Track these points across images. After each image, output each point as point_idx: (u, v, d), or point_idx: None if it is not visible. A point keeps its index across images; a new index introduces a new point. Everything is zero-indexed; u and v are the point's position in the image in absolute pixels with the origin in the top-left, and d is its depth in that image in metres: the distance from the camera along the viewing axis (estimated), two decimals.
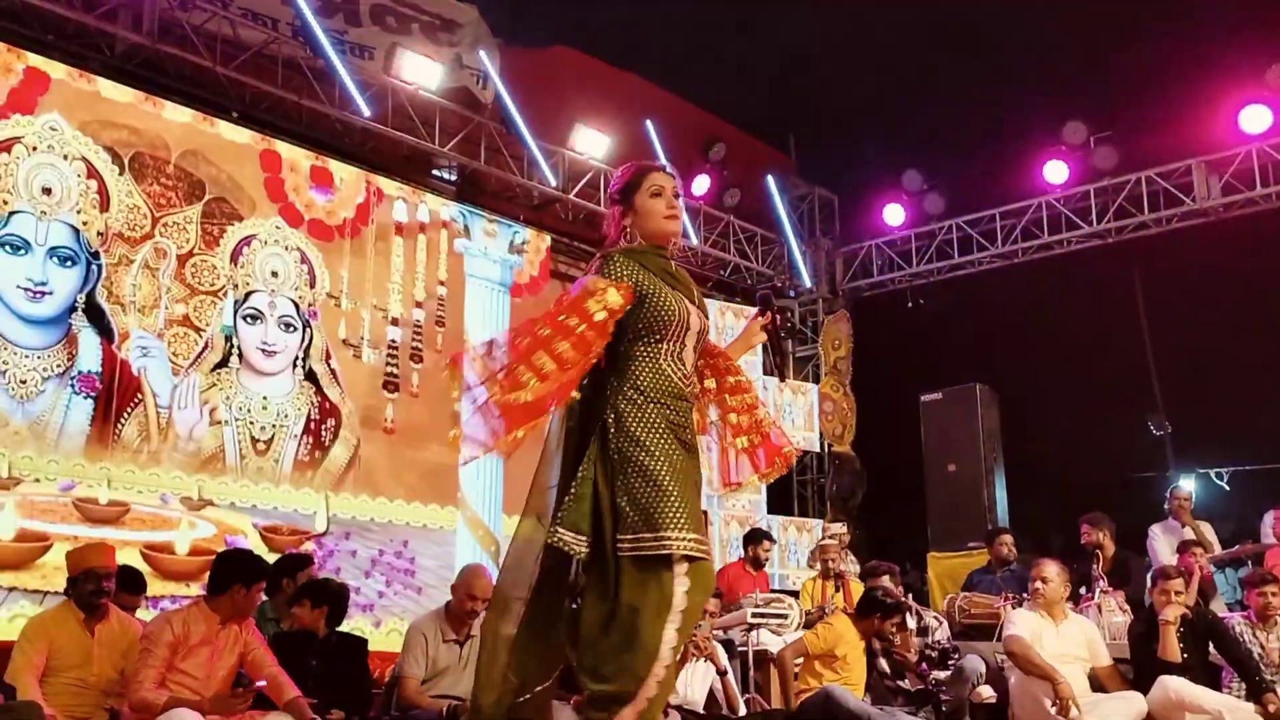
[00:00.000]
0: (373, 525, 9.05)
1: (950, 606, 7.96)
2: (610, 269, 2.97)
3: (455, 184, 10.18)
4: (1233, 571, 8.44)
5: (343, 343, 9.16)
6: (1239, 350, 10.66)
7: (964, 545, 10.47)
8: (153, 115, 8.26)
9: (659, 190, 3.08)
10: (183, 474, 8.07)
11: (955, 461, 11.20)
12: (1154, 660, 6.17)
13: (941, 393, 11.52)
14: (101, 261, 7.89)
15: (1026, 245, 11.81)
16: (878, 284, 13.00)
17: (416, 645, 5.82)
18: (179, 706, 4.74)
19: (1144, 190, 11.09)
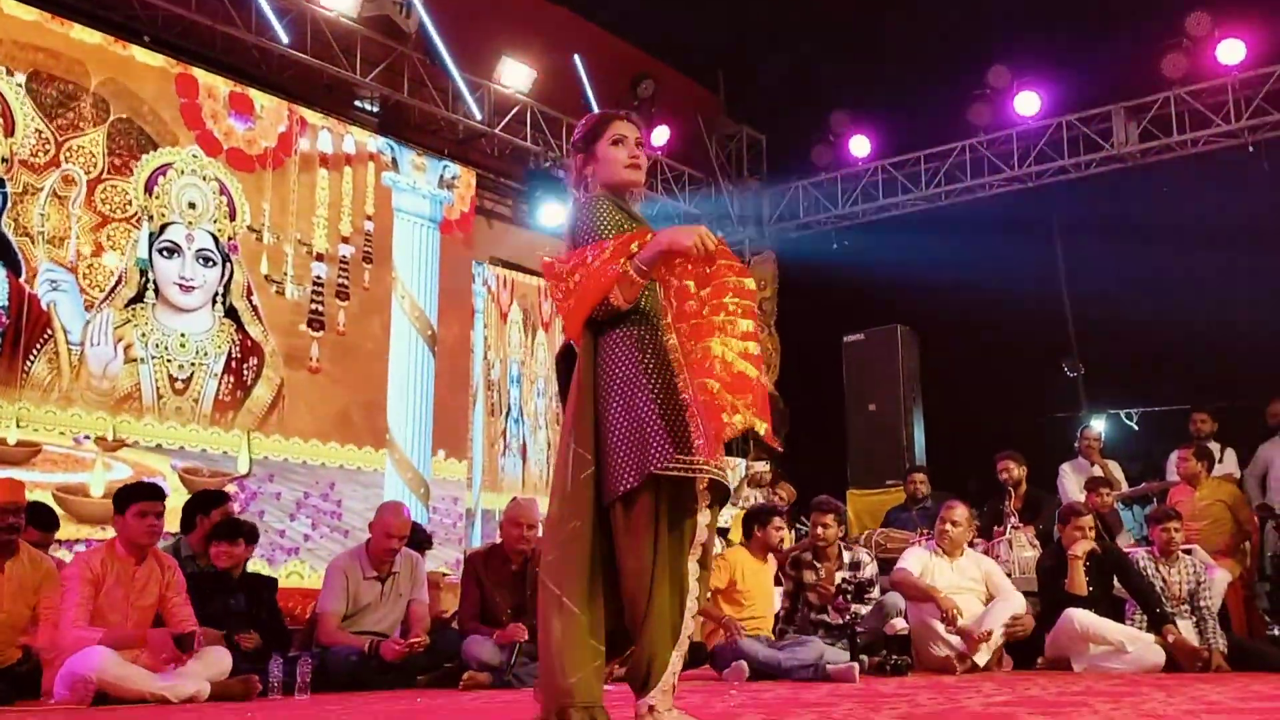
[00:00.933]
0: (298, 467, 8.85)
1: (868, 542, 8.14)
2: (597, 211, 2.95)
3: (377, 116, 9.97)
4: (1139, 508, 8.73)
5: (265, 278, 8.86)
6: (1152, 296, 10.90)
7: (882, 483, 10.68)
8: (60, 35, 7.82)
9: (620, 138, 3.04)
10: (98, 413, 7.76)
11: (875, 401, 11.37)
12: (1061, 593, 6.39)
13: (864, 334, 11.66)
14: (6, 190, 7.46)
15: (950, 188, 11.93)
16: (804, 225, 13.05)
17: (336, 582, 5.82)
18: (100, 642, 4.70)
19: (1064, 135, 11.25)
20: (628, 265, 2.82)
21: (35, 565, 5.29)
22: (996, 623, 6.22)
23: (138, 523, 5.01)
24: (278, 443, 8.75)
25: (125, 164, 8.11)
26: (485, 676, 5.53)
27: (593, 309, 2.86)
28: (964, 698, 4.30)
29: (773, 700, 4.38)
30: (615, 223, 2.94)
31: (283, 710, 4.46)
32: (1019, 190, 11.68)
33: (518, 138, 10.70)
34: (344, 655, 5.54)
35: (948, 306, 11.53)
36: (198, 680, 4.81)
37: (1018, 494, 8.01)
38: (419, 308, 9.95)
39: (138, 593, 5.02)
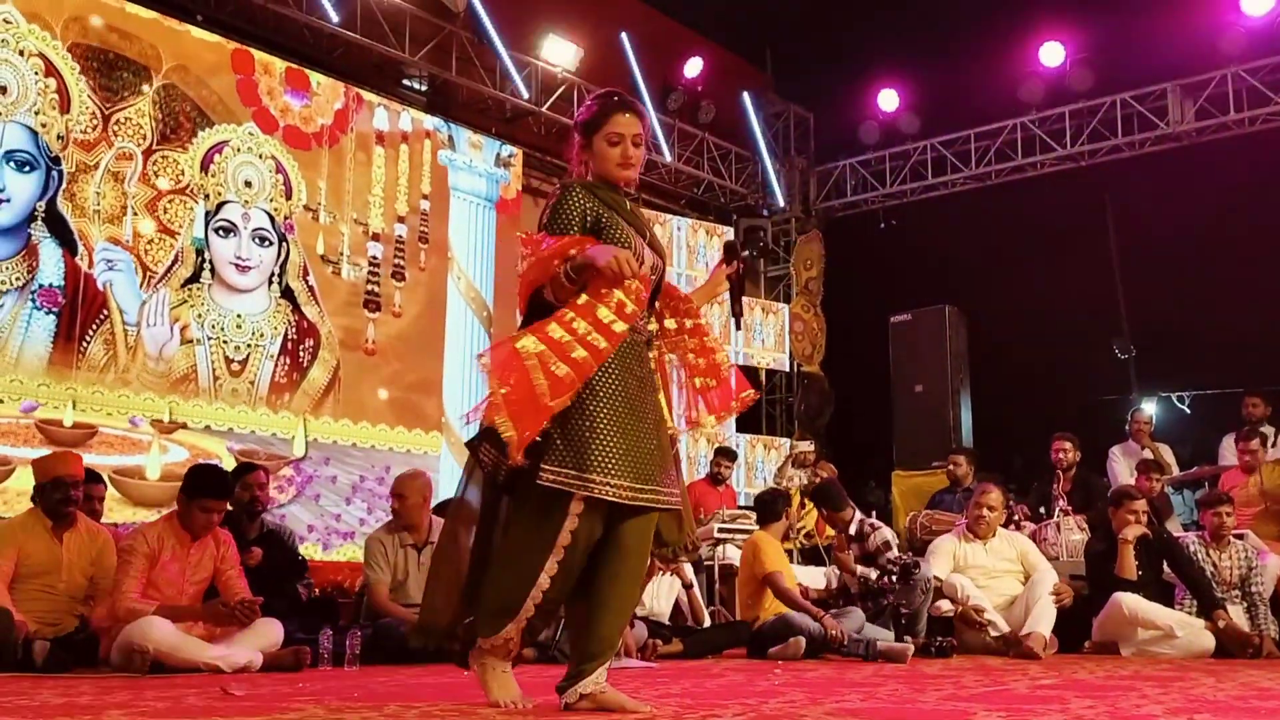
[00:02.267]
0: (353, 450, 8.80)
1: (912, 523, 8.11)
2: (565, 203, 2.98)
3: (425, 94, 10.02)
4: (1190, 493, 8.61)
5: (321, 258, 8.81)
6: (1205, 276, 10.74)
7: (928, 465, 10.60)
8: (115, 9, 7.83)
9: (617, 139, 3.03)
10: (153, 395, 7.75)
11: (922, 382, 11.29)
12: (1111, 577, 6.32)
13: (911, 314, 11.57)
14: (62, 167, 7.45)
15: (1000, 167, 11.79)
16: (851, 204, 12.97)
17: (378, 553, 5.89)
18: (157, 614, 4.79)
19: (1118, 114, 11.08)
20: (560, 268, 2.87)
21: (93, 537, 5.41)
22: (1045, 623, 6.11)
23: (200, 515, 5.08)
24: (333, 425, 8.71)
25: (181, 140, 8.06)
26: (530, 651, 5.57)
27: (528, 297, 2.96)
28: (1010, 680, 4.28)
29: (817, 679, 4.39)
30: (576, 218, 2.96)
31: (333, 681, 4.53)
32: (1071, 169, 11.52)
33: (564, 116, 10.70)
34: (393, 628, 5.61)
35: (997, 287, 11.43)
36: (250, 650, 4.90)
37: (1067, 476, 7.93)
38: (475, 289, 9.92)
39: (193, 568, 5.11)
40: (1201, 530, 6.77)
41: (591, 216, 2.97)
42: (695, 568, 6.94)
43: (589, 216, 2.96)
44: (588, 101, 3.17)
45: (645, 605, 6.17)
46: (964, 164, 11.99)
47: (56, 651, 4.82)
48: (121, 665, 4.70)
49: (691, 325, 3.16)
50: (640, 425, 2.90)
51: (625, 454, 2.85)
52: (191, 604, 5.08)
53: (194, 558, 5.13)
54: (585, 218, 2.96)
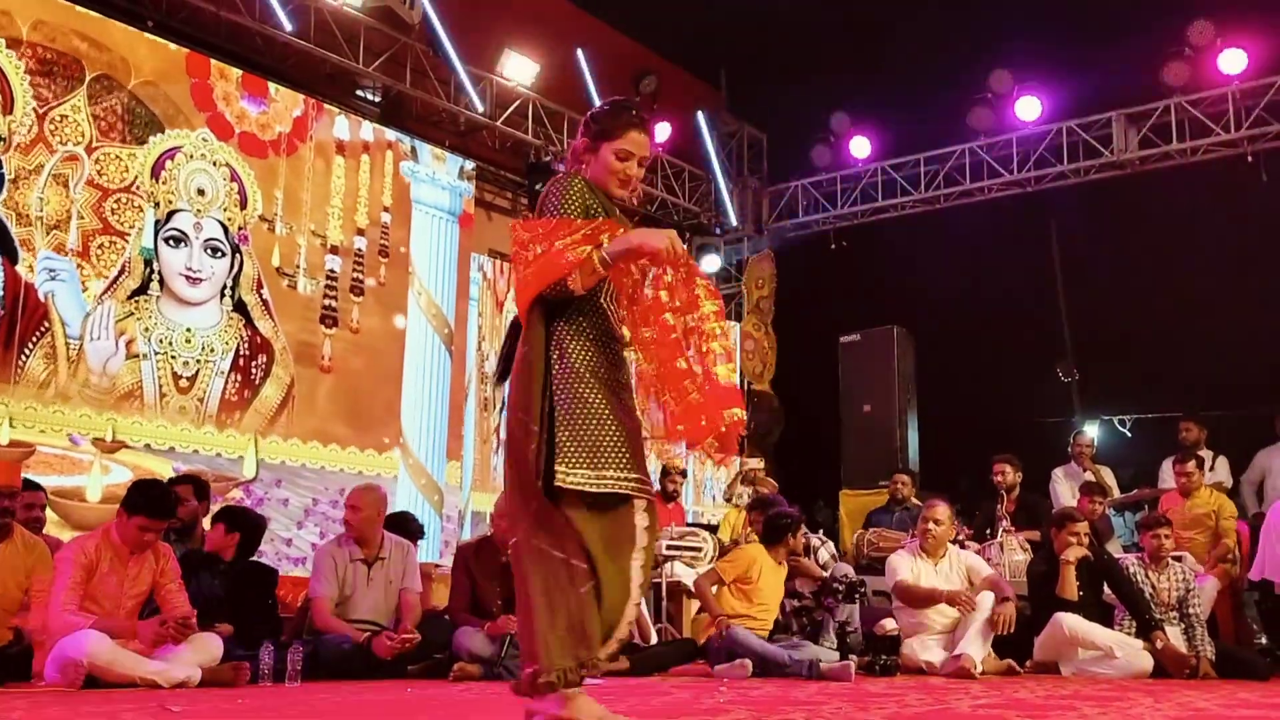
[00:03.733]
0: (306, 471, 8.47)
1: (860, 541, 8.17)
2: (572, 190, 2.93)
3: (379, 106, 9.95)
4: (1130, 515, 8.76)
5: (276, 271, 8.49)
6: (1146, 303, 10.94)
7: (875, 484, 10.68)
8: (64, 9, 7.56)
9: (626, 155, 3.00)
10: (94, 412, 7.38)
11: (870, 402, 11.38)
12: (1052, 598, 6.40)
13: (860, 334, 11.67)
14: (3, 170, 7.10)
15: (948, 191, 11.94)
16: (802, 224, 13.06)
17: (326, 567, 5.81)
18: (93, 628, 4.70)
19: (1064, 141, 11.26)
20: (595, 253, 2.81)
21: (29, 548, 5.30)
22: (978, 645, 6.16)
23: (136, 534, 4.98)
24: (285, 445, 8.35)
25: (123, 136, 7.73)
26: (476, 668, 5.54)
27: (548, 287, 2.83)
28: (952, 699, 4.31)
29: (761, 698, 4.40)
30: (585, 205, 2.93)
31: (273, 698, 4.46)
32: (1018, 194, 11.69)
33: (519, 131, 10.69)
34: (336, 645, 5.54)
35: (944, 309, 11.56)
36: (188, 666, 4.82)
37: (1010, 497, 8.03)
38: (436, 305, 9.65)
39: (131, 580, 5.02)
40: (1141, 552, 6.88)
41: (592, 212, 2.93)
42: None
43: (591, 209, 2.93)
44: (606, 104, 3.12)
45: None
46: (914, 187, 12.13)
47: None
48: (56, 680, 4.61)
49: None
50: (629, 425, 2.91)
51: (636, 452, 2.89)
52: (129, 617, 4.99)
53: (132, 571, 5.04)
54: (588, 208, 2.93)
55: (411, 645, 5.58)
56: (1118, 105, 10.99)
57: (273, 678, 5.03)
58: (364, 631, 5.64)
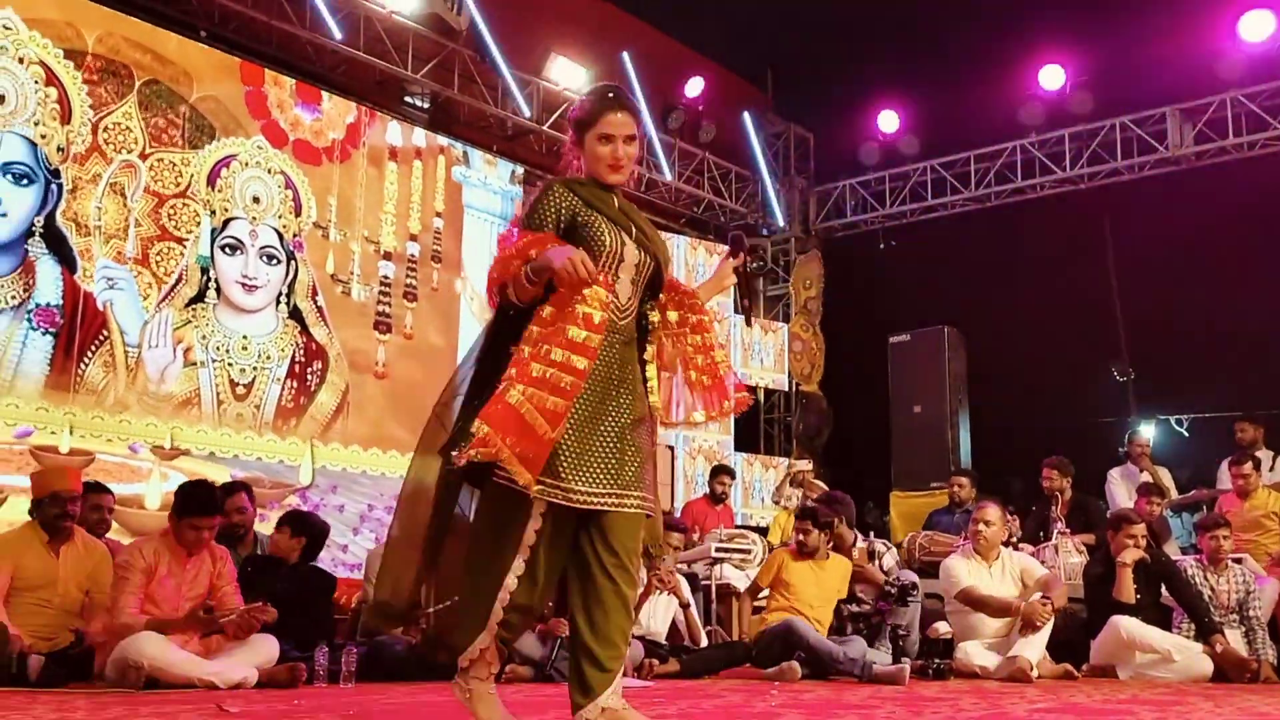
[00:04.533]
0: (361, 477, 8.47)
1: (911, 544, 8.10)
2: (542, 200, 2.98)
3: (427, 111, 10.04)
4: (1188, 516, 8.60)
5: (331, 278, 8.52)
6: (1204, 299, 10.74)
7: (926, 485, 10.61)
8: (120, 19, 7.65)
9: (608, 137, 3.01)
10: (154, 420, 7.42)
11: (921, 403, 11.29)
12: (1109, 601, 6.31)
13: (909, 334, 11.58)
14: (62, 180, 7.19)
15: (999, 189, 11.83)
16: (850, 224, 12.99)
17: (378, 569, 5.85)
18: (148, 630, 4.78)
19: (1118, 137, 11.11)
20: (521, 268, 2.84)
21: (90, 551, 5.40)
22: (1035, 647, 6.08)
23: (189, 533, 5.07)
24: (341, 452, 8.39)
25: (175, 141, 7.76)
26: (526, 670, 5.56)
27: (494, 293, 2.95)
28: (1007, 703, 4.27)
29: (814, 701, 4.38)
30: (551, 216, 2.94)
31: (328, 698, 4.51)
32: (1070, 192, 11.56)
33: (566, 134, 10.71)
34: (390, 646, 5.60)
35: (996, 308, 11.43)
36: (245, 667, 4.89)
37: (1064, 499, 7.93)
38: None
39: (189, 583, 5.09)
40: (1199, 554, 6.77)
41: (568, 214, 2.94)
42: (692, 586, 6.92)
43: (564, 214, 2.94)
44: (582, 97, 3.16)
45: (641, 625, 6.16)
46: (963, 185, 12.02)
47: (51, 666, 4.81)
48: (116, 681, 4.70)
49: (695, 320, 3.09)
50: (597, 428, 2.86)
51: (579, 457, 2.82)
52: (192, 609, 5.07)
53: (190, 573, 5.12)
54: (560, 216, 2.94)
55: None
56: (1172, 100, 10.83)
57: (328, 679, 5.08)
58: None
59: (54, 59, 7.30)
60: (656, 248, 3.07)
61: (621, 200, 3.07)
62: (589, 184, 3.02)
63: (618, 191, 3.07)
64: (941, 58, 11.59)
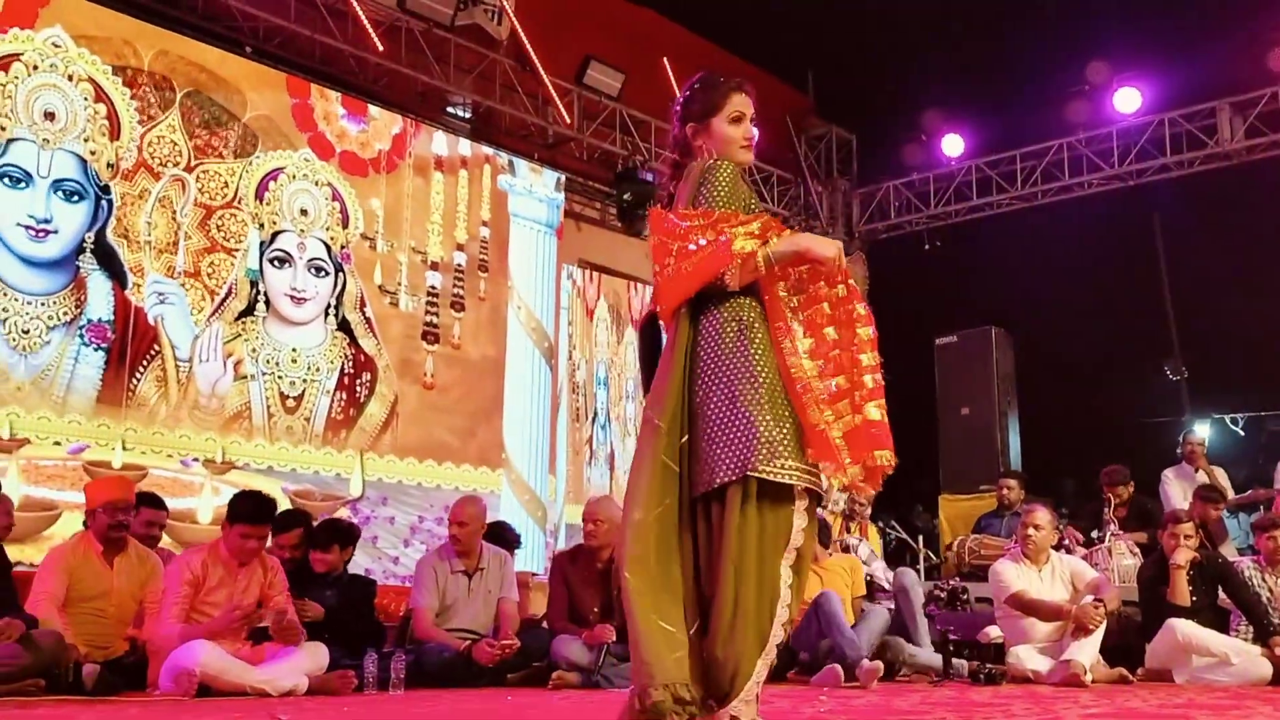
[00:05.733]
0: (411, 489, 8.46)
1: (960, 548, 8.03)
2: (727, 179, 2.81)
3: (469, 121, 10.09)
4: (1245, 516, 8.45)
5: (379, 289, 8.54)
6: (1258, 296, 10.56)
7: (975, 488, 10.49)
8: (165, 36, 7.69)
9: (739, 116, 2.90)
10: (205, 434, 7.43)
11: (969, 405, 11.18)
12: (1163, 603, 6.21)
13: (956, 336, 11.47)
14: (112, 196, 7.24)
15: (1046, 187, 11.69)
16: (894, 225, 12.89)
17: (426, 578, 5.91)
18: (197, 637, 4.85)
19: (1167, 132, 10.95)
20: (760, 251, 2.69)
21: (143, 561, 5.47)
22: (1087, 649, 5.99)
23: (240, 543, 5.13)
24: (391, 463, 8.38)
25: (218, 151, 7.79)
26: (574, 676, 5.56)
27: (708, 282, 2.71)
28: (1060, 708, 4.20)
29: (864, 707, 4.34)
30: (744, 200, 2.81)
31: (378, 706, 4.54)
32: (1119, 189, 11.40)
33: (605, 142, 10.75)
34: (438, 653, 5.63)
35: (1044, 308, 11.31)
36: (296, 674, 4.94)
37: (1119, 501, 7.84)
38: (536, 319, 9.66)
39: (240, 592, 5.14)
40: (1257, 555, 6.64)
41: (748, 201, 2.82)
42: None
43: (746, 200, 2.81)
44: (694, 88, 2.98)
45: None
46: (1010, 184, 11.90)
47: (106, 675, 4.89)
48: (170, 689, 4.75)
49: None
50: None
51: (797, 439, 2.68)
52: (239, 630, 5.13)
53: (241, 583, 5.18)
54: (745, 200, 2.80)
55: (512, 651, 5.64)
56: (1222, 94, 10.64)
57: (377, 686, 5.12)
58: (464, 640, 5.72)
59: (103, 75, 7.36)
60: None
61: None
62: (741, 172, 2.89)
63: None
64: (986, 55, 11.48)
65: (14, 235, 6.84)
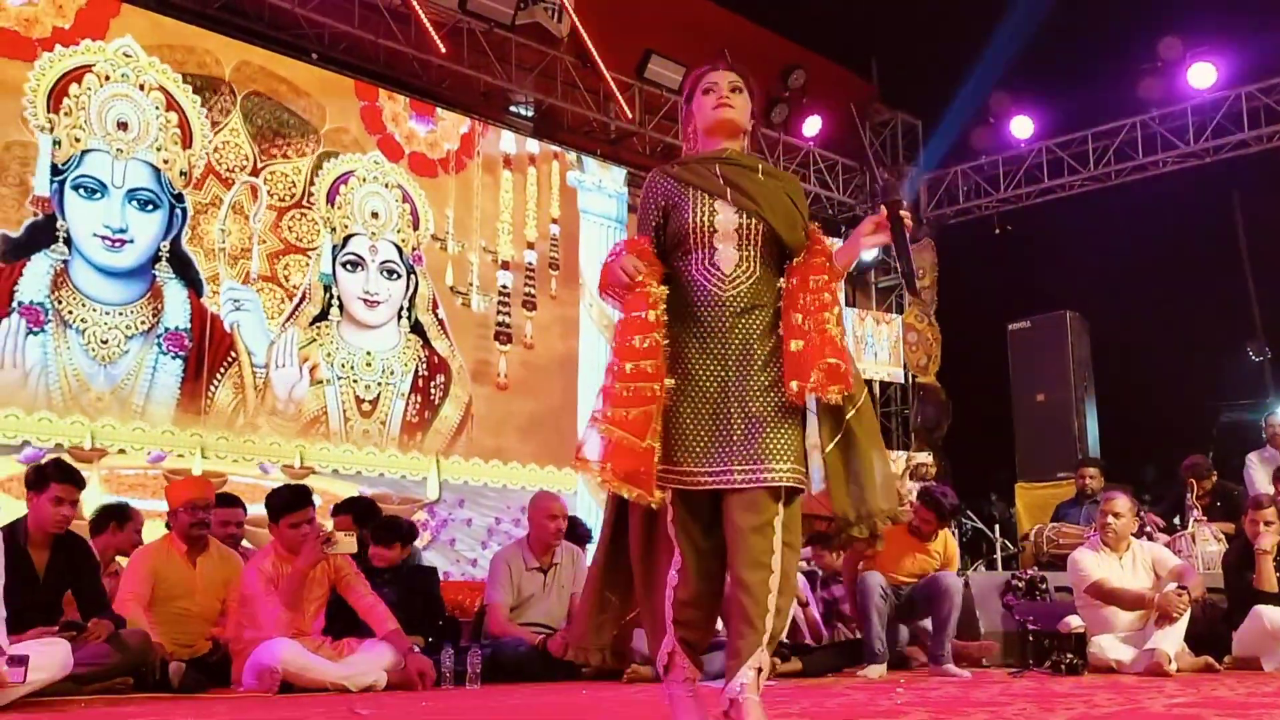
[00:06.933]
0: (487, 490, 8.44)
1: (1038, 536, 7.89)
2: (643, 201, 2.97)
3: (532, 119, 10.14)
4: None
5: (450, 290, 8.52)
6: None
7: (1053, 476, 10.31)
8: (235, 46, 7.80)
9: (711, 86, 3.01)
10: (283, 440, 7.46)
11: (1044, 391, 10.99)
12: (1250, 590, 6.05)
13: (1030, 321, 11.29)
14: (186, 204, 7.31)
15: (1120, 167, 11.45)
16: (963, 210, 12.71)
17: (501, 573, 5.95)
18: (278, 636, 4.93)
19: (1244, 107, 10.65)
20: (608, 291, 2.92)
21: (224, 560, 5.58)
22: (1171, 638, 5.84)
23: (289, 533, 5.19)
24: (466, 465, 8.36)
25: (283, 150, 7.84)
26: (648, 669, 5.56)
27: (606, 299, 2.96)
28: (1144, 698, 4.12)
29: (941, 699, 4.29)
30: (652, 213, 2.91)
31: (455, 700, 4.59)
32: (1195, 166, 11.12)
33: (668, 136, 10.74)
34: (513, 647, 5.67)
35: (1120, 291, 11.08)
36: (375, 670, 5.01)
37: (1201, 486, 7.66)
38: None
39: (309, 585, 5.19)
40: None
41: (664, 202, 2.90)
42: (811, 586, 6.86)
43: (661, 203, 2.91)
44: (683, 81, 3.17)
45: None
46: (1081, 165, 11.66)
47: (191, 673, 4.99)
48: (253, 686, 4.85)
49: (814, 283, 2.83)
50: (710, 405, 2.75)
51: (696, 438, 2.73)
52: (313, 620, 5.21)
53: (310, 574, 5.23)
54: (658, 207, 2.91)
55: None
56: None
57: (454, 680, 5.17)
58: (539, 635, 5.75)
59: (174, 84, 7.43)
60: (765, 207, 2.87)
61: (730, 165, 2.92)
62: (689, 160, 2.98)
63: (731, 154, 2.95)
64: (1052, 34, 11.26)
65: (90, 245, 6.94)
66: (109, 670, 4.72)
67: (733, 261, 2.86)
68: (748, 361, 2.80)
